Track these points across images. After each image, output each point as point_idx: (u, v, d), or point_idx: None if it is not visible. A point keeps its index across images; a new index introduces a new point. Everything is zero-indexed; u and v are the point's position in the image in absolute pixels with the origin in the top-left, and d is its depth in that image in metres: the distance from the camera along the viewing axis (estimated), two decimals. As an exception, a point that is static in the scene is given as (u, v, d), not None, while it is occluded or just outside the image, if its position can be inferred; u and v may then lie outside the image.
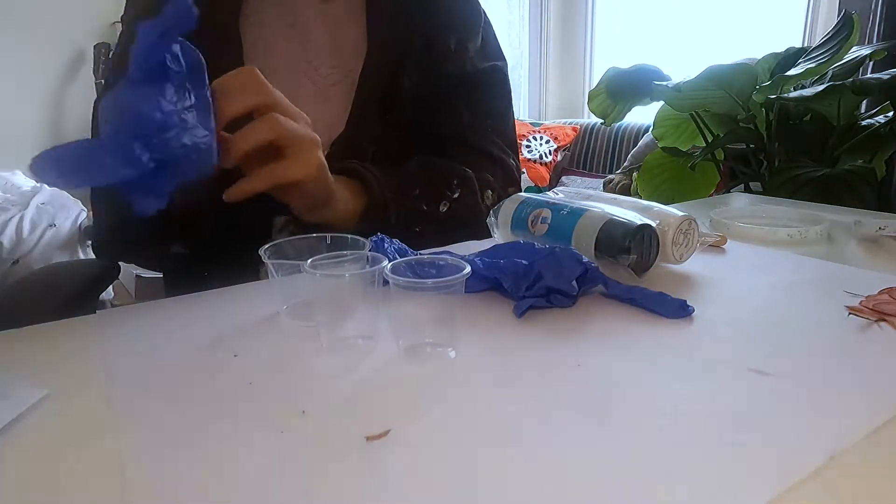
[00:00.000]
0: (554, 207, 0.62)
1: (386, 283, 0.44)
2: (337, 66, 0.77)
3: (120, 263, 0.92)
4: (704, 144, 1.94)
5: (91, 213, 0.85)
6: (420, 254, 0.56)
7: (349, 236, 0.52)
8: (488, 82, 0.86)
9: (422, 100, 0.79)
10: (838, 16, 1.78)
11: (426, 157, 0.77)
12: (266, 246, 0.50)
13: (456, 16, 0.84)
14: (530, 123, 3.73)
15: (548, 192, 0.71)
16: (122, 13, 0.79)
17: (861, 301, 0.53)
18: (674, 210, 0.62)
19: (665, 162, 2.08)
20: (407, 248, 0.57)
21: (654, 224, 0.58)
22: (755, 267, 0.65)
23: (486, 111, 0.86)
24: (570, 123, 3.68)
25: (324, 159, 0.59)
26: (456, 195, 0.76)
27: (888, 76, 1.57)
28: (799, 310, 0.53)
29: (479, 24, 0.86)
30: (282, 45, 0.76)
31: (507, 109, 0.91)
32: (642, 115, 2.95)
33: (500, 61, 0.89)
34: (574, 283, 0.51)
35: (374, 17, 0.79)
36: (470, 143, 0.83)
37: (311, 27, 0.77)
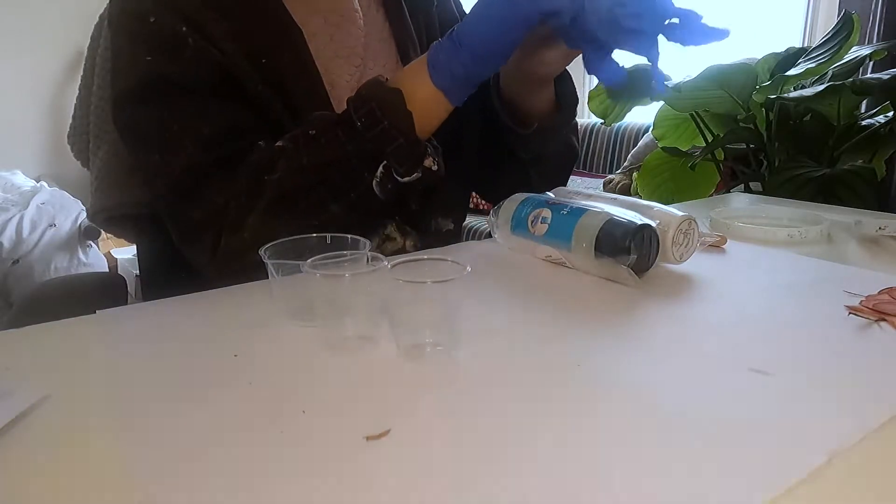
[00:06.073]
0: (554, 207, 0.62)
1: (386, 283, 0.44)
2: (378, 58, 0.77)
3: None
4: (704, 144, 1.94)
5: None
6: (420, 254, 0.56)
7: (349, 236, 0.52)
8: None
9: None
10: (838, 16, 1.78)
11: None
12: (266, 246, 0.50)
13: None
14: (530, 123, 3.72)
15: (548, 192, 0.71)
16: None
17: (861, 301, 0.53)
18: (674, 210, 0.62)
19: (665, 162, 2.08)
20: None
21: (654, 224, 0.58)
22: (755, 267, 0.65)
23: None
24: (571, 123, 3.67)
25: None
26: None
27: (888, 76, 1.57)
28: (799, 310, 0.53)
29: None
30: (333, 36, 0.75)
31: None
32: (642, 115, 2.95)
33: None
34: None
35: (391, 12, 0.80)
36: None
37: (349, 18, 0.76)
